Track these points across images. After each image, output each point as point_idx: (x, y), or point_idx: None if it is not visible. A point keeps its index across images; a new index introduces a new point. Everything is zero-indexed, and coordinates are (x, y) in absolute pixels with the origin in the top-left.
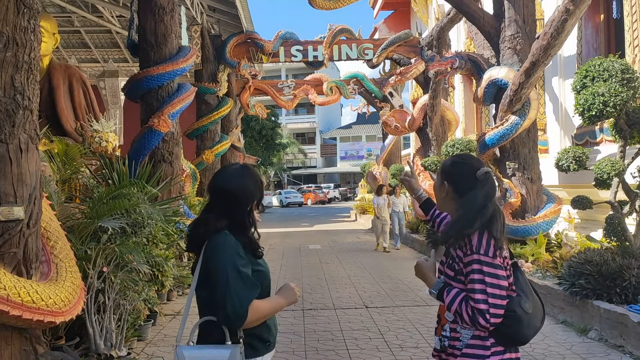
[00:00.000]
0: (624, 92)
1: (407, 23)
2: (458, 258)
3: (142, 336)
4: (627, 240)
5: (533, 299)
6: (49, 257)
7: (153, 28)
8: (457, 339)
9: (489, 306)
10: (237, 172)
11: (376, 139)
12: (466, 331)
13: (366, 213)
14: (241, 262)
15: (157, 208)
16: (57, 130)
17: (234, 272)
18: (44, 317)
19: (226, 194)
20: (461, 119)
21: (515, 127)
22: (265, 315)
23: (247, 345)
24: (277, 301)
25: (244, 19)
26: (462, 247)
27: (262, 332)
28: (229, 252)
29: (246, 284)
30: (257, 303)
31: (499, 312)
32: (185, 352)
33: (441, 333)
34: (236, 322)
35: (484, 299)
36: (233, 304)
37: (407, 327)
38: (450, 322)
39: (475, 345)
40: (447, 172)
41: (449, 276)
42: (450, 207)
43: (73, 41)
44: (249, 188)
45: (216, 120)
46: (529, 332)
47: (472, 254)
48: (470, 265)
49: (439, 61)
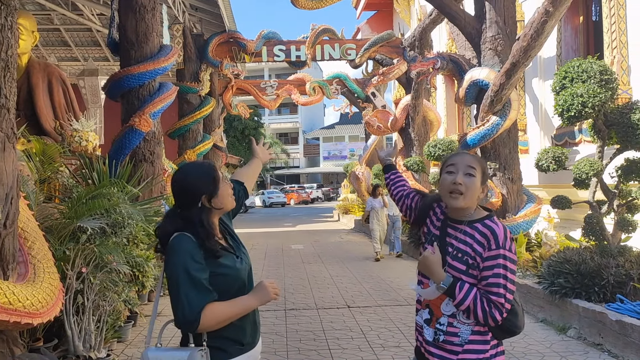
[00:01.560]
0: (603, 93)
1: (390, 24)
2: (475, 252)
3: (122, 337)
4: (606, 239)
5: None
6: (26, 257)
7: (134, 26)
8: (455, 334)
9: (506, 301)
10: (188, 166)
11: (359, 139)
12: (465, 327)
13: (349, 213)
14: (194, 266)
15: (137, 208)
16: (36, 129)
17: (185, 277)
18: (21, 318)
19: (175, 188)
20: (443, 120)
21: (496, 128)
22: (227, 317)
23: (216, 349)
24: (244, 302)
25: (227, 18)
26: (482, 242)
27: (232, 334)
28: (182, 256)
29: (198, 289)
30: (215, 306)
31: (508, 308)
32: (150, 353)
33: (435, 326)
34: (186, 327)
35: (504, 294)
36: (183, 308)
37: (389, 326)
38: (448, 315)
39: (476, 341)
40: (486, 174)
41: (459, 270)
42: (474, 205)
43: (52, 39)
44: (197, 180)
45: (198, 120)
46: (522, 323)
47: (498, 249)
48: (496, 259)
49: (421, 62)
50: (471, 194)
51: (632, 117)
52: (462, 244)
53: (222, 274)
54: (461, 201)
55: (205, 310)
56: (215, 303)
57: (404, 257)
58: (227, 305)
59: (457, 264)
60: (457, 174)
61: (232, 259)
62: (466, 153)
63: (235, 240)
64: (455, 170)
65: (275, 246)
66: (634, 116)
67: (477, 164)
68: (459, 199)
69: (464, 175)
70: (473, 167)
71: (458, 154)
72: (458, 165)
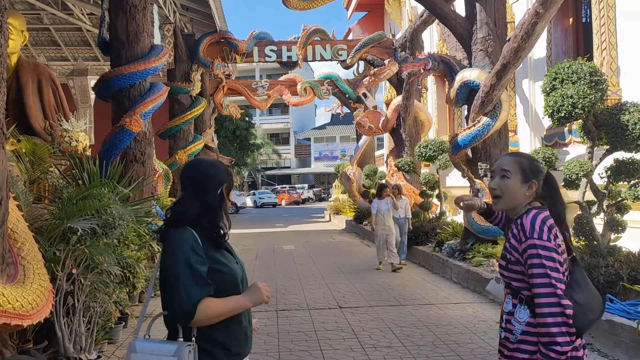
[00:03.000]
0: (592, 94)
1: (381, 25)
2: (511, 247)
3: (113, 339)
4: (595, 239)
5: (589, 291)
6: (16, 259)
7: (124, 26)
8: (511, 331)
9: (554, 293)
10: (207, 159)
11: (350, 140)
12: (518, 325)
13: (340, 213)
14: (195, 259)
15: (128, 209)
16: (26, 129)
17: (186, 268)
18: (11, 320)
19: (197, 175)
20: (434, 120)
21: (487, 128)
22: (220, 313)
23: (203, 351)
24: (238, 301)
25: (218, 18)
26: (517, 235)
27: (221, 338)
28: (184, 248)
29: (196, 281)
30: (210, 301)
31: (560, 302)
32: (138, 343)
33: (501, 325)
34: (182, 318)
35: (549, 283)
36: (180, 299)
37: (381, 326)
38: (507, 313)
39: (526, 341)
40: (534, 170)
41: (501, 267)
42: (522, 204)
43: (42, 39)
44: (218, 171)
45: (189, 120)
46: (581, 323)
47: (527, 240)
48: (526, 251)
49: (412, 62)
50: (508, 195)
51: (621, 118)
52: (507, 241)
53: (219, 270)
54: (500, 204)
55: (200, 304)
56: (210, 298)
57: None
58: (221, 301)
59: (501, 261)
60: (494, 178)
61: (230, 258)
62: (507, 155)
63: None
64: (494, 174)
65: (266, 247)
66: (623, 117)
67: (511, 165)
68: (497, 202)
69: (499, 178)
70: (506, 169)
71: (502, 157)
72: (496, 170)
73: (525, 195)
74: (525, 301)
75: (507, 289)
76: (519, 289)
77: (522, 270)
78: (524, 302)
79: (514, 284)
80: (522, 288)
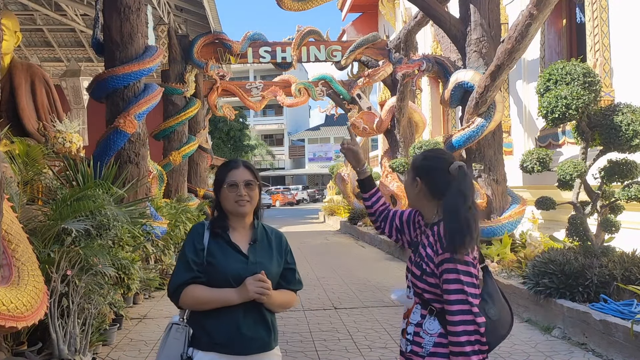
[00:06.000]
0: (586, 95)
1: (375, 26)
2: (427, 257)
3: (108, 341)
4: (589, 240)
5: (500, 305)
6: (10, 260)
7: (119, 27)
8: (419, 344)
9: (469, 311)
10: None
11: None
12: (428, 337)
13: (334, 214)
14: (189, 248)
15: (123, 210)
16: (19, 130)
17: (181, 254)
18: (5, 322)
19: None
20: (428, 121)
21: (481, 129)
22: (203, 300)
23: (193, 335)
24: (224, 293)
25: (212, 19)
26: (433, 245)
27: (211, 328)
28: (188, 238)
29: (184, 267)
30: (195, 287)
31: (474, 319)
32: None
33: (406, 336)
34: (170, 297)
35: (464, 300)
36: (170, 281)
37: (376, 327)
38: (414, 324)
39: (438, 353)
40: (419, 167)
41: (415, 275)
42: (424, 205)
43: (35, 40)
44: (218, 172)
45: (183, 121)
46: (492, 339)
47: (445, 253)
48: (442, 265)
49: (407, 64)
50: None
51: (614, 119)
52: (422, 249)
53: (210, 263)
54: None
55: (186, 289)
56: (198, 285)
57: (390, 259)
58: (206, 289)
59: (414, 270)
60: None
61: (231, 254)
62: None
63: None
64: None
65: None
66: (617, 118)
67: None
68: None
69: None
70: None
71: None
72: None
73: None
74: (435, 313)
75: (417, 298)
76: (429, 301)
77: (437, 282)
78: (435, 314)
79: (426, 295)
80: (434, 300)
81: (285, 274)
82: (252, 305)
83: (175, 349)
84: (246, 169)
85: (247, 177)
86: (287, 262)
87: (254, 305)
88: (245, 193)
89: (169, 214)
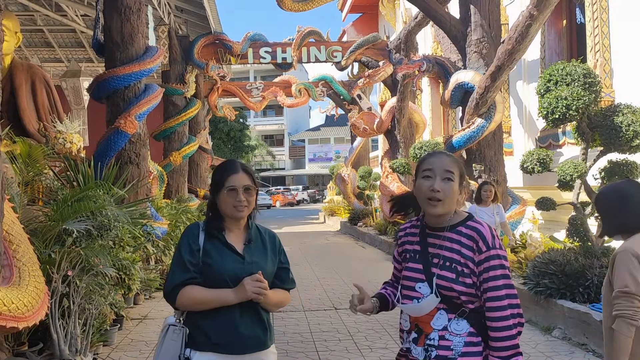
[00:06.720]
0: (586, 96)
1: (375, 26)
2: (465, 258)
3: (108, 341)
4: (589, 240)
5: None
6: (11, 261)
7: (119, 27)
8: (448, 347)
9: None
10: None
11: (344, 141)
12: (457, 338)
13: (335, 215)
14: (185, 248)
15: (123, 210)
16: (20, 131)
17: (176, 255)
18: (6, 322)
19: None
20: (428, 122)
21: (482, 130)
22: (200, 301)
23: (190, 335)
24: (221, 293)
25: (212, 19)
26: (471, 246)
27: (209, 327)
28: (183, 238)
29: (180, 267)
30: (192, 288)
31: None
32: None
33: (425, 342)
34: (167, 298)
35: (507, 294)
36: (166, 282)
37: (376, 328)
38: (439, 329)
39: (470, 352)
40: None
41: (449, 279)
42: (452, 207)
43: (36, 40)
44: (216, 174)
45: (184, 122)
46: None
47: (489, 250)
48: (488, 261)
49: (407, 64)
50: (450, 200)
51: (615, 120)
52: (447, 252)
53: (206, 263)
54: (440, 208)
55: (183, 289)
56: (195, 285)
57: (390, 259)
58: (203, 290)
59: (446, 274)
60: (435, 179)
61: (227, 254)
62: (443, 153)
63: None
64: (433, 175)
65: None
66: (617, 118)
67: (454, 167)
68: (437, 206)
69: (441, 180)
70: (451, 171)
71: (434, 154)
72: (435, 170)
73: (457, 201)
74: (466, 314)
75: (444, 304)
76: (464, 303)
77: (474, 282)
78: (465, 316)
79: (462, 297)
80: (468, 302)
81: (280, 274)
82: (249, 305)
83: (172, 350)
84: (245, 174)
85: (246, 182)
86: (281, 261)
87: (251, 305)
88: (244, 199)
89: (169, 215)
